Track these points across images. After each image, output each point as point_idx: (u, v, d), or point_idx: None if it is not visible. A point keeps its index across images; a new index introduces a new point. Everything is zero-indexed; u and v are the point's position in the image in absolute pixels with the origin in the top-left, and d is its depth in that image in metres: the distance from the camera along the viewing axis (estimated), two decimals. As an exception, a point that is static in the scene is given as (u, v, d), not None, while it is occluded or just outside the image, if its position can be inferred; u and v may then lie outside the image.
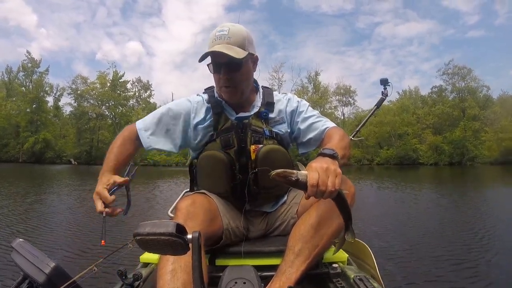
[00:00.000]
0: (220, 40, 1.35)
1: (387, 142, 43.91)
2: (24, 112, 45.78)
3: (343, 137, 1.37)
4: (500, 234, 4.43)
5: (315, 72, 47.66)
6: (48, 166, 34.12)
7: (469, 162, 37.97)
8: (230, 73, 1.38)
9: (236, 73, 1.39)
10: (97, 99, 46.33)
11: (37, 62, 47.09)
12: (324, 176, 0.99)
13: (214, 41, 1.36)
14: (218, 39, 1.35)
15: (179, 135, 1.50)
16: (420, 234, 4.51)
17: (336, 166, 1.04)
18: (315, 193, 0.98)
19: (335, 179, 1.00)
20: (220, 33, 1.36)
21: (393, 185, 12.25)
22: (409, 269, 3.05)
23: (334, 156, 1.09)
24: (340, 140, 1.33)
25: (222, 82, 1.40)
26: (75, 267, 2.84)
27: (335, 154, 1.09)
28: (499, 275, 2.92)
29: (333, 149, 1.11)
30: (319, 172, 0.99)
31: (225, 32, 1.36)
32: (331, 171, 1.01)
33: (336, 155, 1.10)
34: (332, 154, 1.09)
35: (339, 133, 1.40)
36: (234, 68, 1.38)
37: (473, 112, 40.14)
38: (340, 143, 1.29)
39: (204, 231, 1.09)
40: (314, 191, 0.98)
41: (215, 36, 1.37)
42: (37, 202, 7.62)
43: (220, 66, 1.37)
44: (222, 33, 1.36)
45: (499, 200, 8.23)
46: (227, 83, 1.40)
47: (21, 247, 0.98)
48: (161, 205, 7.32)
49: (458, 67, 42.49)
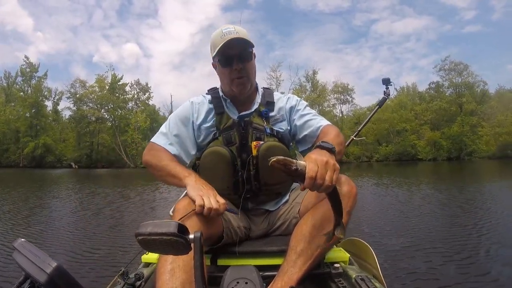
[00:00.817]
0: (230, 35, 1.39)
1: (386, 138, 44.09)
2: (23, 117, 45.90)
3: (338, 134, 1.40)
4: (501, 230, 4.41)
5: (313, 70, 47.86)
6: (48, 170, 34.11)
7: (467, 156, 38.28)
8: (242, 63, 1.43)
9: (248, 63, 1.45)
10: (96, 103, 46.39)
11: (35, 66, 47.33)
12: (323, 169, 0.99)
13: (222, 37, 1.40)
14: (227, 34, 1.40)
15: (192, 137, 1.54)
16: (422, 231, 4.48)
17: (334, 160, 1.05)
18: (312, 186, 0.98)
19: (333, 173, 1.00)
20: (226, 30, 1.42)
21: (392, 182, 12.20)
22: (411, 268, 3.00)
23: (332, 151, 1.10)
24: (336, 136, 1.36)
25: (234, 74, 1.44)
26: (77, 267, 3.01)
27: (333, 149, 1.11)
28: (501, 271, 2.91)
29: (331, 143, 1.13)
30: (318, 165, 0.99)
31: (231, 29, 1.43)
32: (330, 165, 1.01)
33: (334, 149, 1.11)
34: (331, 148, 1.10)
35: (335, 130, 1.43)
36: (246, 58, 1.44)
37: (470, 107, 40.39)
38: (336, 139, 1.31)
39: (203, 231, 1.13)
40: (311, 183, 0.97)
41: (222, 33, 1.41)
42: (40, 206, 7.62)
43: (232, 59, 1.41)
44: (229, 30, 1.42)
45: (498, 194, 8.22)
46: (240, 73, 1.44)
47: (22, 247, 0.96)
48: (162, 205, 7.32)
49: (454, 63, 42.84)
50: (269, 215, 1.55)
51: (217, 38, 1.42)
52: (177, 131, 1.51)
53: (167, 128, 1.53)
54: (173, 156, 1.45)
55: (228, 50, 1.40)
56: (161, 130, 1.54)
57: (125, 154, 44.32)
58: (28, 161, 44.68)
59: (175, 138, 1.49)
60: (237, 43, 1.39)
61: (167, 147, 1.46)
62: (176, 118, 1.54)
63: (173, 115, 1.58)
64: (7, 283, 2.65)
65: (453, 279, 2.75)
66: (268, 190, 1.47)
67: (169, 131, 1.51)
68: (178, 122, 1.53)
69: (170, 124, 1.54)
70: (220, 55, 1.42)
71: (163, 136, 1.51)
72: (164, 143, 1.47)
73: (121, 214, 6.35)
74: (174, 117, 1.56)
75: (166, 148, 1.46)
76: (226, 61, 1.43)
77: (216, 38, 1.43)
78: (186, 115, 1.54)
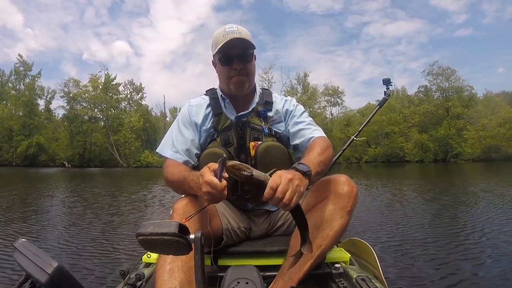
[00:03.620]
0: (232, 34, 1.40)
1: (375, 140, 44.92)
2: (17, 115, 45.96)
3: (325, 150, 1.33)
4: (487, 229, 4.37)
5: (304, 73, 48.60)
6: (42, 169, 33.71)
7: (453, 159, 39.26)
8: (242, 63, 1.43)
9: (248, 64, 1.46)
10: (89, 102, 46.60)
11: (29, 65, 47.38)
12: (286, 185, 0.98)
13: (225, 35, 1.41)
14: (230, 33, 1.41)
15: (196, 139, 1.52)
16: (421, 231, 4.44)
17: (302, 183, 1.05)
18: (271, 197, 0.98)
19: (294, 193, 0.99)
20: (230, 29, 1.43)
21: (382, 183, 12.17)
22: (412, 268, 2.95)
23: (307, 174, 1.09)
24: (320, 153, 1.28)
25: (233, 73, 1.44)
26: (77, 267, 3.00)
27: (308, 172, 1.09)
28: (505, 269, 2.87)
29: (308, 166, 1.11)
30: (282, 180, 0.99)
31: (234, 28, 1.43)
32: (293, 185, 1.00)
33: (309, 173, 1.09)
34: (305, 172, 1.09)
35: (322, 146, 1.35)
36: (246, 59, 1.44)
37: (456, 111, 41.35)
38: (318, 157, 1.25)
39: (202, 231, 1.05)
40: (271, 193, 0.97)
41: (225, 32, 1.42)
42: (38, 205, 7.53)
43: (233, 58, 1.42)
44: (232, 29, 1.43)
45: (480, 194, 8.13)
46: (239, 73, 1.44)
47: (23, 247, 0.96)
48: (163, 206, 7.20)
49: (442, 68, 43.81)
50: (269, 216, 1.55)
51: (219, 36, 1.43)
52: (181, 136, 1.49)
53: (171, 134, 1.52)
54: (182, 164, 1.42)
55: (229, 50, 1.41)
56: (166, 137, 1.53)
57: (118, 153, 44.63)
58: (21, 160, 44.83)
59: (180, 145, 1.47)
60: (239, 43, 1.40)
61: (174, 156, 1.44)
62: (179, 123, 1.54)
63: (175, 121, 1.57)
64: (7, 284, 2.62)
65: (454, 280, 2.69)
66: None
67: (173, 137, 1.50)
68: (181, 126, 1.52)
69: (174, 130, 1.53)
70: (221, 53, 1.42)
71: (169, 145, 1.48)
72: (171, 153, 1.45)
73: (121, 214, 6.29)
74: (176, 122, 1.56)
75: (174, 158, 1.44)
76: (226, 60, 1.43)
77: (218, 37, 1.44)
78: (187, 118, 1.54)
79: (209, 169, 1.04)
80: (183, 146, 1.46)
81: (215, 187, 0.99)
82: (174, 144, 1.46)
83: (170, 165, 1.40)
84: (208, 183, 1.01)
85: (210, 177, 1.01)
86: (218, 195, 1.01)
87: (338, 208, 1.23)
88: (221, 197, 1.02)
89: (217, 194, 1.01)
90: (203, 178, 1.03)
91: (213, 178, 1.00)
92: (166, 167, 1.40)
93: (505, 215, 5.22)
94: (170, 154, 1.44)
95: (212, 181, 1.00)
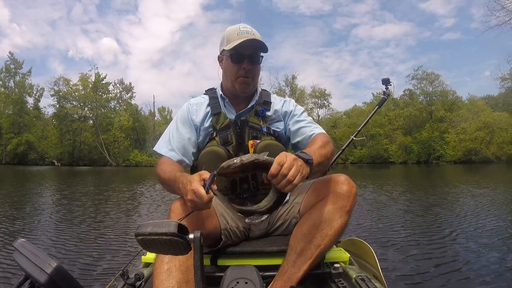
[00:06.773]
0: (247, 34, 1.42)
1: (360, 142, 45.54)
2: (6, 113, 45.54)
3: (325, 145, 1.34)
4: (487, 228, 4.47)
5: (292, 75, 48.97)
6: (31, 167, 33.46)
7: (435, 161, 40.29)
8: (252, 64, 1.45)
9: (256, 66, 1.48)
10: (79, 101, 46.46)
11: (20, 63, 46.94)
12: (291, 163, 1.01)
13: (239, 34, 1.42)
14: (245, 33, 1.43)
15: (193, 138, 1.53)
16: (422, 231, 4.51)
17: (305, 168, 1.07)
18: (278, 172, 1.00)
19: (298, 172, 1.01)
20: (244, 29, 1.44)
21: (389, 183, 12.47)
22: (412, 268, 2.99)
23: (309, 162, 1.10)
24: (321, 147, 1.30)
25: (241, 72, 1.46)
26: (77, 267, 3.02)
27: (310, 160, 1.10)
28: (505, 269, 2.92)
29: (310, 155, 1.12)
30: (288, 158, 1.02)
31: (248, 29, 1.45)
32: (298, 165, 1.03)
33: (311, 161, 1.10)
34: (307, 160, 1.10)
35: (323, 140, 1.38)
36: (256, 60, 1.46)
37: (439, 114, 42.40)
38: (320, 150, 1.26)
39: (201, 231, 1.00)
40: (278, 168, 0.99)
41: (240, 31, 1.43)
42: (35, 204, 7.54)
43: (243, 58, 1.43)
44: (246, 29, 1.44)
45: (457, 195, 8.36)
46: (247, 73, 1.46)
47: (22, 247, 0.96)
48: (158, 206, 7.25)
49: (426, 73, 44.79)
50: (269, 216, 1.50)
51: (233, 33, 1.44)
52: (178, 135, 1.50)
53: (169, 133, 1.52)
54: (176, 162, 1.42)
55: (242, 49, 1.42)
56: (164, 135, 1.53)
57: (107, 152, 44.70)
58: (10, 158, 44.63)
59: (176, 143, 1.47)
60: (253, 45, 1.42)
61: (168, 154, 1.44)
62: (177, 122, 1.54)
63: (174, 119, 1.59)
64: (7, 283, 2.62)
65: (455, 279, 2.71)
66: (266, 190, 1.37)
67: (170, 135, 1.50)
68: (179, 124, 1.53)
69: (171, 128, 1.54)
70: (234, 51, 1.42)
71: (165, 142, 1.49)
72: (166, 151, 1.45)
73: (119, 213, 6.29)
74: (174, 121, 1.57)
75: (168, 156, 1.44)
76: (237, 58, 1.44)
77: (231, 34, 1.45)
78: (186, 117, 1.54)
79: (199, 177, 1.04)
80: (179, 144, 1.47)
81: (200, 198, 1.00)
82: (170, 142, 1.48)
83: (164, 163, 1.39)
84: (194, 192, 1.01)
85: (197, 186, 1.01)
86: (201, 205, 1.02)
87: (337, 207, 1.22)
88: (204, 208, 1.03)
89: (200, 204, 1.01)
90: (190, 186, 1.03)
91: (199, 188, 1.00)
92: (160, 165, 1.39)
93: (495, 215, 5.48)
94: (165, 151, 1.45)
95: (198, 191, 1.00)
